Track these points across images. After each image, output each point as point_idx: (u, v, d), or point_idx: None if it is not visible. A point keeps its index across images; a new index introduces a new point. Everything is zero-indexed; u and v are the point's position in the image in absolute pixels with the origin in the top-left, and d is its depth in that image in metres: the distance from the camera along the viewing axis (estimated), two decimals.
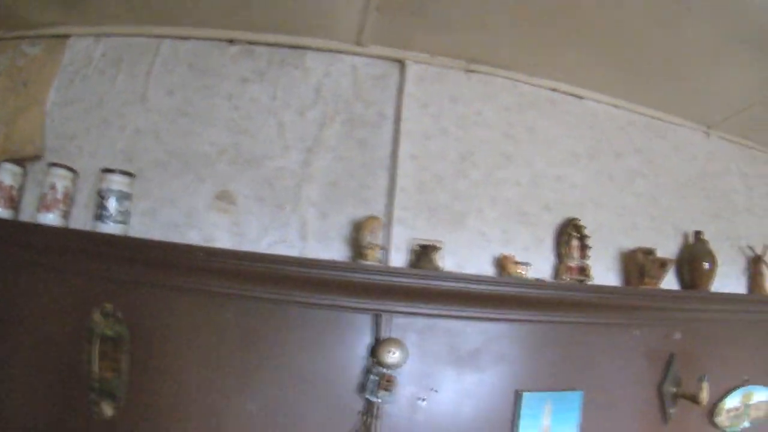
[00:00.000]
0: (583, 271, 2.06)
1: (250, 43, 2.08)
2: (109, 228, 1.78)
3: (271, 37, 2.07)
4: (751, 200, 2.60)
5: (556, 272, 2.08)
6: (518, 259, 1.97)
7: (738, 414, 2.40)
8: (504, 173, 2.10)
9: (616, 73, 2.22)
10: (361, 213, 1.94)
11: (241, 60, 2.08)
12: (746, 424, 2.43)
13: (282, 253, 1.86)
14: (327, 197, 1.96)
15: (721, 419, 2.35)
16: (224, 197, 1.95)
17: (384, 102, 2.06)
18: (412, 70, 2.09)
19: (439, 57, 2.11)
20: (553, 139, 2.21)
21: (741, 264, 2.52)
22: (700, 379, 2.16)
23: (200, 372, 1.71)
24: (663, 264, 2.09)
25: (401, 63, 2.09)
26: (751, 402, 2.44)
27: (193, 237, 1.89)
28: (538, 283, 1.92)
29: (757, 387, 2.46)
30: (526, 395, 1.92)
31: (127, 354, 1.70)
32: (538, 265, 2.06)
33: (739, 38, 2.01)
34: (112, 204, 1.81)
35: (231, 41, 2.08)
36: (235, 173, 1.96)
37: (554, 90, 2.23)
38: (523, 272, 1.95)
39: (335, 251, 1.93)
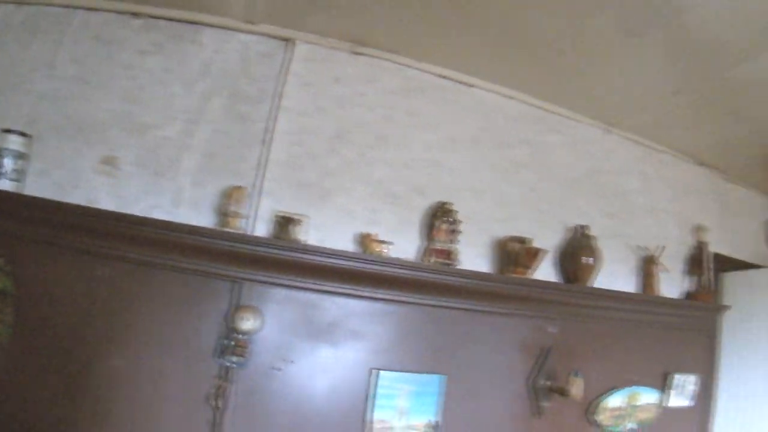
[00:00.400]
0: (450, 255, 2.10)
1: (153, 17, 2.20)
2: (4, 185, 1.92)
3: (172, 12, 2.17)
4: (652, 202, 2.57)
5: (422, 255, 2.13)
6: (382, 238, 2.03)
7: (622, 414, 2.41)
8: (377, 154, 2.17)
9: (511, 64, 2.25)
10: (234, 184, 2.01)
11: (143, 33, 2.20)
12: (631, 425, 2.44)
13: (155, 217, 2.00)
14: (203, 167, 2.05)
15: (602, 418, 2.36)
16: (109, 162, 2.10)
17: (268, 79, 2.14)
18: (300, 49, 2.17)
19: (328, 38, 2.19)
20: (434, 124, 2.26)
21: (633, 264, 2.50)
22: (572, 374, 2.20)
23: (75, 326, 1.81)
24: (535, 253, 2.12)
25: (290, 42, 2.17)
26: (637, 403, 2.44)
27: (78, 198, 2.06)
28: (394, 261, 1.96)
29: (645, 388, 2.46)
30: (382, 374, 1.98)
31: (12, 306, 1.80)
32: (404, 246, 2.12)
33: (641, 35, 2.02)
34: (8, 162, 1.96)
35: (135, 14, 2.24)
36: (122, 140, 2.08)
37: (443, 77, 2.29)
38: (385, 251, 2.00)
39: (206, 219, 2.03)
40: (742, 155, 2.85)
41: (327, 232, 2.06)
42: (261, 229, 2.03)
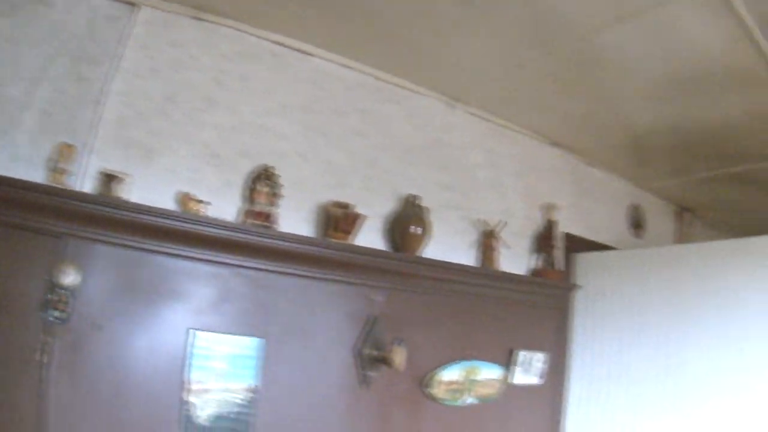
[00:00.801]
0: (269, 217, 2.21)
1: None
2: None
3: None
4: (496, 177, 2.62)
5: (241, 216, 2.23)
6: (203, 199, 2.13)
7: (459, 388, 2.49)
8: (205, 117, 2.28)
9: (352, 34, 2.37)
10: (68, 142, 2.16)
11: None
12: (471, 399, 2.51)
13: None
14: (42, 125, 2.16)
15: (437, 391, 2.44)
16: None
17: (111, 42, 2.24)
18: (144, 13, 2.27)
19: (171, 3, 2.30)
20: (267, 90, 2.38)
21: (473, 237, 2.54)
22: (395, 343, 2.28)
23: None
24: (354, 218, 2.22)
25: (136, 6, 2.29)
26: (476, 378, 2.51)
27: None
28: (211, 221, 2.07)
29: (486, 363, 2.54)
30: (199, 334, 2.06)
31: None
32: (226, 208, 2.23)
33: (482, 5, 2.07)
34: None
35: None
36: None
37: (281, 44, 2.41)
38: (203, 211, 2.11)
39: (41, 176, 2.20)
40: (605, 140, 2.89)
41: (151, 191, 2.17)
42: (89, 186, 2.16)
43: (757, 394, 2.43)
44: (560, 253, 2.89)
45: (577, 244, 3.08)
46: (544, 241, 2.88)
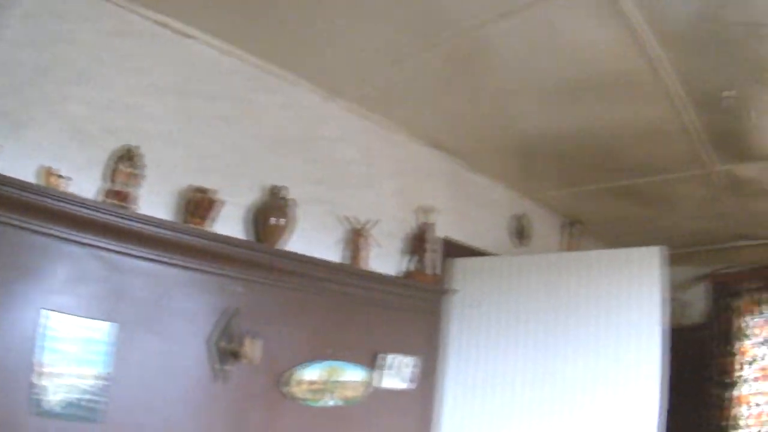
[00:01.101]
0: (127, 198, 2.27)
1: None
2: None
3: None
4: (370, 175, 2.67)
5: (100, 195, 2.27)
6: (65, 174, 2.17)
7: (321, 389, 2.50)
8: (76, 91, 2.31)
9: (235, 19, 2.43)
10: None
11: None
12: (334, 401, 2.51)
13: None
14: None
15: (296, 390, 2.45)
16: None
17: None
18: None
19: None
20: (142, 69, 2.44)
21: (340, 234, 2.58)
22: (246, 335, 2.28)
23: None
24: (210, 204, 2.27)
25: None
26: (339, 379, 2.52)
27: None
28: (62, 195, 2.08)
29: (350, 365, 2.55)
30: (51, 315, 2.05)
31: None
32: (86, 185, 2.26)
33: None
34: None
35: None
36: None
37: (162, 24, 2.48)
38: (63, 186, 2.14)
39: None
40: (488, 144, 2.92)
41: (15, 163, 2.18)
42: None
43: (630, 401, 2.56)
44: (437, 257, 2.94)
45: (456, 250, 3.14)
46: (417, 243, 2.93)
